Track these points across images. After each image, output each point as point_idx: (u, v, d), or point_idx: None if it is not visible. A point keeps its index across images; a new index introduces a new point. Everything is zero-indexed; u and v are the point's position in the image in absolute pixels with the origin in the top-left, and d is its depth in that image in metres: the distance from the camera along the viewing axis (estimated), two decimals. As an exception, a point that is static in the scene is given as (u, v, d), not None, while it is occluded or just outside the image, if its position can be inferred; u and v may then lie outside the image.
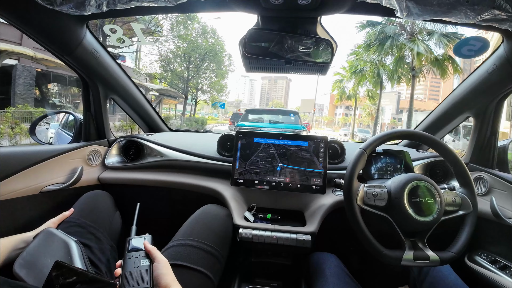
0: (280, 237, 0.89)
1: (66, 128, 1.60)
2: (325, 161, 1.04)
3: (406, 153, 1.08)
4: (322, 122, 56.88)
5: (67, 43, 0.92)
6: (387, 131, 0.89)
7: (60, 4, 0.69)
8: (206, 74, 20.26)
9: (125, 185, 1.16)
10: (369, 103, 23.55)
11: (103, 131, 1.24)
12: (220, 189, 1.08)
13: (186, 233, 0.83)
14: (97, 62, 1.05)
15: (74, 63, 1.00)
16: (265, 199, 1.10)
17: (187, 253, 0.76)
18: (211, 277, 0.75)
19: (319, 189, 1.03)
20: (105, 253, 0.82)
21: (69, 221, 0.83)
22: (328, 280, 0.82)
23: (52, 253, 0.68)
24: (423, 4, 0.66)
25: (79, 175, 1.05)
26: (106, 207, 0.98)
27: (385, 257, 0.77)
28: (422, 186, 0.80)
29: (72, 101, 14.70)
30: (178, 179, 1.16)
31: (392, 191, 0.81)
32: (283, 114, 6.85)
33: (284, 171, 1.05)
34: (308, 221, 0.98)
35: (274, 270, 1.04)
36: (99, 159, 1.20)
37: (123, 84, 1.23)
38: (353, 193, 0.81)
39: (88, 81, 1.12)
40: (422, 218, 0.77)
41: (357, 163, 0.83)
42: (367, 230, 0.79)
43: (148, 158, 1.24)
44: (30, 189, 0.93)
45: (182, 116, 18.46)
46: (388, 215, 0.80)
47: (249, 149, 1.08)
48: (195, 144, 1.28)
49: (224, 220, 0.93)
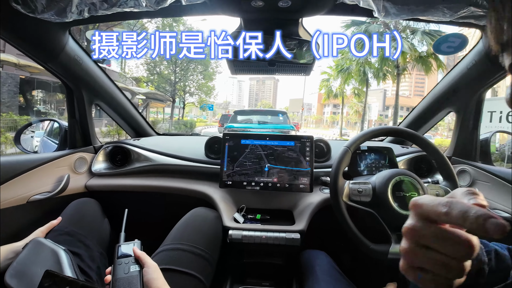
0: (269, 237, 0.90)
1: (51, 136, 1.57)
2: (311, 160, 1.06)
3: (390, 149, 1.11)
4: (310, 121, 57.44)
5: (50, 50, 0.91)
6: (370, 129, 0.92)
7: (41, 12, 0.69)
8: (193, 76, 20.11)
9: (113, 191, 1.15)
10: (356, 101, 23.97)
11: (88, 137, 1.23)
12: (209, 191, 1.09)
13: (176, 237, 0.83)
14: (80, 68, 1.03)
15: (57, 70, 0.99)
16: (254, 199, 1.11)
17: (178, 257, 0.76)
18: (203, 280, 0.75)
19: (307, 187, 1.05)
20: (95, 260, 0.81)
21: (57, 229, 0.83)
22: (319, 277, 0.83)
23: (42, 262, 0.68)
24: (400, 4, 0.69)
25: (65, 183, 1.03)
26: (94, 214, 0.97)
27: (372, 252, 0.79)
28: (406, 180, 0.83)
29: (57, 107, 14.35)
30: (166, 183, 1.15)
31: (377, 187, 0.83)
32: (271, 115, 6.91)
33: (272, 171, 1.06)
34: (297, 220, 1.00)
35: (266, 270, 1.05)
36: (85, 166, 1.18)
37: (108, 90, 1.22)
38: (339, 190, 0.83)
39: (72, 87, 1.10)
40: (407, 212, 0.80)
41: (342, 161, 0.86)
42: (353, 226, 0.81)
43: (135, 163, 1.23)
44: (18, 199, 0.92)
45: (170, 120, 18.26)
46: (374, 210, 0.83)
47: (237, 151, 1.09)
48: (182, 147, 1.28)
49: (214, 223, 0.94)
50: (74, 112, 1.17)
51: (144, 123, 1.54)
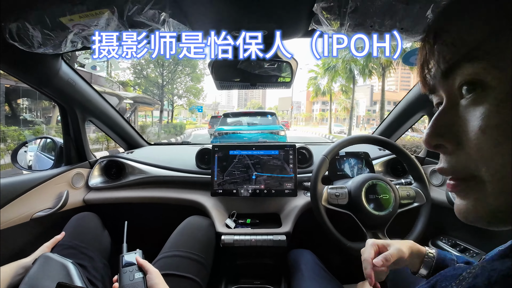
0: (258, 240, 0.99)
1: (45, 151, 1.61)
2: (294, 166, 1.16)
3: (367, 153, 1.22)
4: (300, 119, 57.83)
5: (44, 76, 0.96)
6: (345, 138, 1.01)
7: (37, 48, 0.75)
8: (181, 78, 19.96)
9: (110, 204, 1.22)
10: (344, 97, 24.30)
11: (83, 153, 1.28)
12: (201, 200, 1.17)
13: (173, 244, 0.91)
14: (73, 89, 1.09)
15: (52, 93, 1.05)
16: (244, 205, 1.20)
17: (176, 262, 0.84)
18: (199, 282, 0.83)
19: (291, 192, 1.14)
20: (99, 271, 0.88)
21: (62, 244, 0.89)
22: (304, 274, 0.93)
23: (52, 275, 0.74)
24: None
25: (65, 199, 1.09)
26: (95, 227, 1.03)
27: (349, 249, 0.89)
28: (378, 184, 0.94)
29: (43, 115, 14.04)
30: (161, 194, 1.23)
31: (352, 191, 0.94)
32: (260, 116, 6.97)
33: (259, 179, 1.15)
34: (283, 222, 1.09)
35: (258, 270, 1.14)
36: (82, 181, 1.24)
37: (99, 106, 1.28)
38: (318, 195, 0.93)
39: (66, 107, 1.16)
40: (379, 212, 0.90)
41: (320, 168, 0.95)
42: (332, 227, 0.91)
43: (130, 176, 1.30)
44: (21, 217, 0.97)
45: (160, 123, 18.10)
46: (350, 212, 0.93)
47: (226, 161, 1.17)
48: (174, 159, 1.36)
49: (207, 230, 1.02)
50: (68, 130, 1.23)
51: (135, 134, 1.60)
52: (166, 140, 13.40)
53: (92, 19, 0.64)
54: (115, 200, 1.22)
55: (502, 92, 0.23)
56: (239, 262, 1.14)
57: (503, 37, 0.22)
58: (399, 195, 0.95)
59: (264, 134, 5.79)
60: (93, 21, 0.64)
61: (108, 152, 8.15)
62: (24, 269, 0.78)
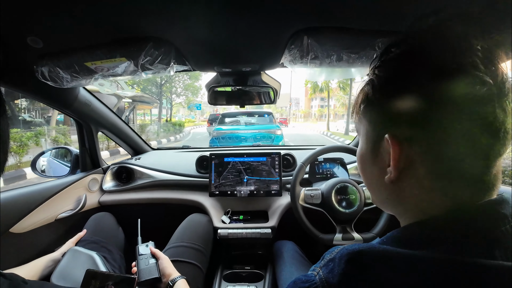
0: (248, 233, 1.20)
1: (58, 158, 1.80)
2: (280, 171, 1.35)
3: (342, 159, 1.42)
4: (299, 116, 57.93)
5: (67, 102, 1.15)
6: (319, 148, 1.20)
7: (66, 84, 0.91)
8: (179, 77, 20.01)
9: (122, 204, 1.41)
10: (342, 93, 24.45)
11: (97, 160, 1.48)
12: (201, 200, 1.37)
13: (179, 237, 1.11)
14: (89, 109, 1.28)
15: (72, 113, 1.24)
16: (237, 204, 1.39)
17: (181, 251, 1.04)
18: (200, 267, 1.03)
19: (277, 193, 1.34)
20: (117, 261, 1.07)
21: (85, 239, 1.08)
22: (286, 261, 1.13)
23: (81, 265, 0.92)
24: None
25: (84, 201, 1.29)
26: (111, 225, 1.23)
27: (321, 240, 1.09)
28: (346, 186, 1.13)
29: (42, 115, 14.14)
30: (166, 195, 1.42)
31: (324, 193, 1.13)
32: (258, 115, 7.14)
33: (250, 182, 1.35)
34: (270, 218, 1.29)
35: (249, 258, 1.33)
36: (97, 186, 1.43)
37: (109, 120, 1.46)
38: (296, 195, 1.12)
39: (82, 123, 1.35)
40: (347, 210, 1.10)
41: (298, 174, 1.15)
42: (307, 221, 1.10)
43: (138, 180, 1.49)
44: (47, 218, 1.16)
45: (158, 122, 18.21)
46: (323, 210, 1.12)
47: (221, 167, 1.37)
48: (177, 165, 1.55)
49: (206, 225, 1.22)
50: (84, 141, 1.42)
51: (140, 141, 1.79)
52: (166, 138, 13.55)
53: (112, 64, 0.82)
54: (126, 201, 1.41)
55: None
56: (234, 252, 1.34)
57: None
58: (365, 196, 1.14)
59: (261, 134, 5.98)
60: (113, 65, 0.82)
61: (109, 151, 8.33)
62: (53, 262, 0.94)
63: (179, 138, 14.70)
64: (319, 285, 0.32)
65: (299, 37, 0.71)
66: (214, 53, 0.87)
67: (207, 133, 12.01)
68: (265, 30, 0.71)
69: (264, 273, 1.20)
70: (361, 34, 0.71)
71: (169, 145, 9.07)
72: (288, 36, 0.73)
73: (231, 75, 1.09)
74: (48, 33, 0.72)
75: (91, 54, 0.79)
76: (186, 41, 0.78)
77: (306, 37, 0.71)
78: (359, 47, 0.74)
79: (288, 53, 0.77)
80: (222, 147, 2.05)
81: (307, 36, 0.71)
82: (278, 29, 0.70)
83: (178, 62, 0.85)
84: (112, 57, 0.79)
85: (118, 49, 0.77)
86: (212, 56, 0.90)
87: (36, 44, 0.75)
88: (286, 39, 0.75)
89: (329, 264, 0.33)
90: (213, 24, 0.68)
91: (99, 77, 0.93)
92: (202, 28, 0.70)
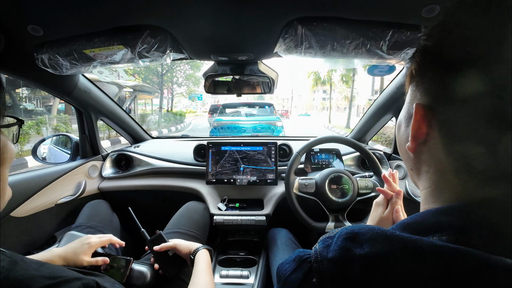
0: (243, 219, 1.23)
1: (58, 145, 1.82)
2: (276, 160, 1.37)
3: (337, 150, 1.43)
4: (301, 107, 57.69)
5: (66, 89, 1.16)
6: (314, 139, 1.21)
7: (65, 72, 0.94)
8: (180, 67, 19.89)
9: (121, 191, 1.44)
10: (345, 86, 24.26)
11: (97, 148, 1.50)
12: (198, 187, 1.39)
13: (175, 224, 1.14)
14: (89, 96, 1.29)
15: (72, 101, 1.25)
16: (234, 192, 1.42)
17: (177, 238, 1.07)
18: None
19: (272, 181, 1.36)
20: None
21: (81, 224, 1.10)
22: (279, 247, 1.16)
23: None
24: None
25: (84, 187, 1.32)
26: (106, 211, 1.25)
27: (313, 228, 1.12)
28: (340, 176, 1.15)
29: (43, 103, 14.15)
30: (164, 182, 1.45)
31: (318, 182, 1.15)
32: (258, 107, 7.13)
33: (246, 171, 1.37)
34: (265, 206, 1.32)
35: (245, 244, 1.37)
36: (97, 172, 1.46)
37: (109, 107, 1.48)
38: (291, 184, 1.15)
39: (82, 110, 1.37)
40: (340, 199, 1.12)
41: (293, 163, 1.17)
42: (300, 210, 1.13)
43: (137, 168, 1.52)
44: (48, 203, 1.19)
45: (160, 112, 18.19)
46: (317, 198, 1.15)
47: (218, 155, 1.39)
48: (175, 152, 1.58)
49: (203, 212, 1.25)
50: (84, 129, 1.44)
51: (139, 129, 1.81)
52: (167, 128, 13.57)
53: (110, 52, 0.84)
54: (125, 187, 1.44)
55: None
56: (230, 239, 1.37)
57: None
58: (358, 186, 1.16)
59: (262, 125, 5.99)
60: (111, 53, 0.84)
61: (109, 140, 8.38)
62: (58, 257, 0.96)
63: (180, 129, 14.71)
64: (312, 255, 0.34)
65: (293, 27, 0.72)
66: (209, 41, 0.88)
67: (208, 124, 12.02)
68: (259, 19, 0.72)
69: (257, 259, 1.24)
70: (354, 24, 0.72)
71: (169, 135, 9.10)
72: (282, 25, 0.74)
73: (228, 64, 1.10)
74: (48, 22, 0.74)
75: (89, 42, 0.82)
76: (181, 30, 0.79)
77: (300, 27, 0.72)
78: (353, 37, 0.75)
79: (283, 42, 0.78)
80: (221, 137, 2.07)
81: (301, 26, 0.72)
82: (271, 18, 0.71)
83: (175, 50, 0.87)
84: (110, 45, 0.82)
85: (115, 37, 0.79)
86: (207, 44, 0.91)
87: (36, 32, 0.77)
88: (280, 28, 0.76)
89: (327, 240, 0.35)
90: (208, 13, 0.69)
91: (98, 65, 0.95)
92: (197, 17, 0.71)
